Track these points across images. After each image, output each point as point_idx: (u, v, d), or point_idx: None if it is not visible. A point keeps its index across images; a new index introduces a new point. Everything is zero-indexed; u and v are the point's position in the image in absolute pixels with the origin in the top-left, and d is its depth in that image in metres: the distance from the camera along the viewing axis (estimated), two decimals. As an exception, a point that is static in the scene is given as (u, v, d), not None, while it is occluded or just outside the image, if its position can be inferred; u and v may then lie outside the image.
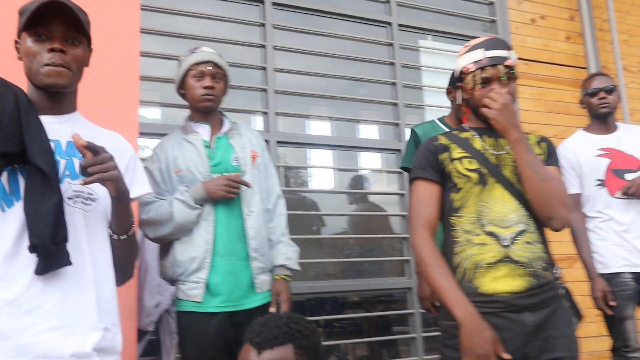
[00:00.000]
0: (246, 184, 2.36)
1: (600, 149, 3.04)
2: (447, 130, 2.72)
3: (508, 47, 1.99)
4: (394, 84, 4.01)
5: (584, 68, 4.71)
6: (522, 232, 1.89)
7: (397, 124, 3.96)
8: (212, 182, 2.31)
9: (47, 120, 1.52)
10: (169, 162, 2.39)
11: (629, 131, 3.12)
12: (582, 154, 3.04)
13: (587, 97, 3.12)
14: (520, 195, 1.92)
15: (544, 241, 1.94)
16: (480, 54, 1.97)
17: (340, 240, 3.83)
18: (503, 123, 1.89)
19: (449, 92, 2.90)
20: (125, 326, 1.70)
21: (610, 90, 3.05)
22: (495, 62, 1.94)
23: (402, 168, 2.95)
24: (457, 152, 1.98)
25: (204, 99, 2.43)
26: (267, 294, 2.40)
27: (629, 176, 2.92)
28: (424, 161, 2.00)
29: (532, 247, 1.89)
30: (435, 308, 2.63)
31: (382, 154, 4.03)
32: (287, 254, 2.46)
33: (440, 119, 2.92)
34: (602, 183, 2.97)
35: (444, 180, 1.98)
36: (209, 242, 2.30)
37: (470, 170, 1.94)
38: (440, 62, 4.29)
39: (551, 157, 2.05)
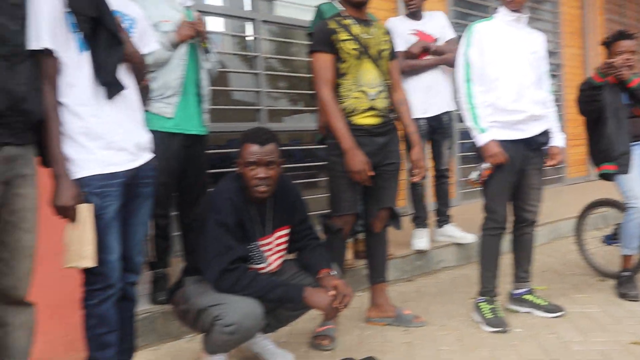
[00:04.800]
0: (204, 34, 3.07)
1: (412, 29, 4.26)
2: (342, 8, 3.74)
3: None
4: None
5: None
6: (380, 91, 3.01)
7: None
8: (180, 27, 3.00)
9: None
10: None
11: (430, 18, 4.36)
12: (400, 30, 4.22)
13: None
14: (379, 67, 3.00)
15: (389, 96, 3.07)
16: None
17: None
18: None
19: None
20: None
21: None
22: None
23: (308, 34, 3.95)
24: (342, 35, 2.94)
25: None
26: (205, 128, 3.26)
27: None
28: (321, 39, 2.95)
29: (385, 101, 3.03)
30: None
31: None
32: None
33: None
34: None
35: (334, 53, 2.95)
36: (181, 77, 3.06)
37: (351, 49, 2.94)
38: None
39: (394, 52, 3.15)
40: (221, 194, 2.42)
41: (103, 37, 2.06)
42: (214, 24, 4.71)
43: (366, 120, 2.97)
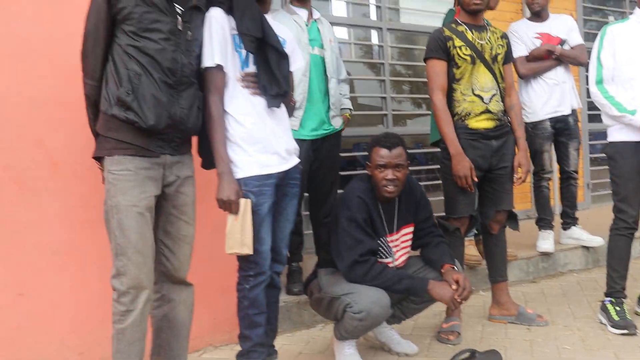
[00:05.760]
0: None
1: (537, 32, 4.28)
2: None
3: None
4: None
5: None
6: (494, 95, 3.11)
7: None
8: None
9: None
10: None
11: (556, 20, 4.35)
12: (524, 34, 4.27)
13: None
14: (493, 72, 3.11)
15: (503, 99, 3.17)
16: None
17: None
18: None
19: None
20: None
21: None
22: None
23: None
24: (457, 42, 3.07)
25: None
26: (338, 128, 3.52)
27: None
28: (436, 46, 3.09)
29: (499, 104, 3.13)
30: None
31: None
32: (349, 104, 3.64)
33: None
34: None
35: (448, 59, 3.09)
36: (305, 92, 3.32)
37: (466, 55, 3.07)
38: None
39: (508, 55, 3.23)
40: (352, 193, 2.66)
41: (272, 54, 2.38)
42: (342, 33, 4.99)
43: (481, 123, 3.08)
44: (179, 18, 2.18)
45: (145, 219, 2.13)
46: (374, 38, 5.09)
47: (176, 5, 2.18)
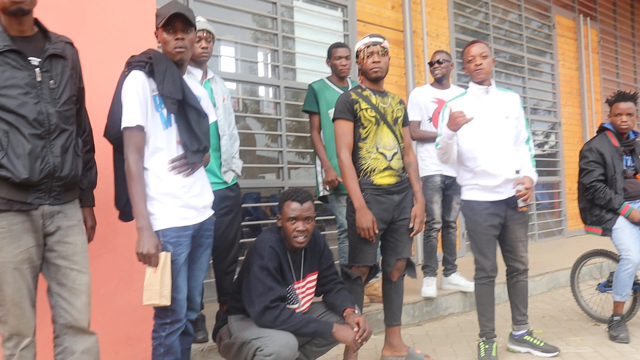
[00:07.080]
0: None
1: (435, 97, 4.76)
2: (333, 85, 4.32)
3: (383, 38, 3.47)
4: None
5: (401, 31, 6.43)
6: (396, 153, 3.44)
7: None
8: None
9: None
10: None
11: (454, 90, 4.81)
12: (421, 98, 4.75)
13: (429, 65, 4.81)
14: (394, 132, 3.44)
15: (403, 157, 3.50)
16: (367, 40, 3.44)
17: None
18: None
19: (328, 61, 4.44)
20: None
21: (441, 62, 4.75)
22: (375, 43, 3.41)
23: (304, 110, 4.40)
24: (363, 104, 3.40)
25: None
26: (230, 183, 3.65)
27: None
28: (344, 108, 3.39)
29: (399, 161, 3.46)
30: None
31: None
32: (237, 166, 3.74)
33: (328, 78, 4.42)
34: (430, 119, 4.71)
35: (355, 120, 3.40)
36: None
37: (371, 116, 3.39)
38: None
39: (406, 119, 3.59)
40: (264, 243, 2.85)
41: (192, 113, 2.55)
42: (240, 90, 5.23)
43: (384, 180, 3.38)
44: (37, 70, 2.25)
45: (21, 272, 2.22)
46: (271, 95, 5.37)
47: (31, 57, 2.24)
